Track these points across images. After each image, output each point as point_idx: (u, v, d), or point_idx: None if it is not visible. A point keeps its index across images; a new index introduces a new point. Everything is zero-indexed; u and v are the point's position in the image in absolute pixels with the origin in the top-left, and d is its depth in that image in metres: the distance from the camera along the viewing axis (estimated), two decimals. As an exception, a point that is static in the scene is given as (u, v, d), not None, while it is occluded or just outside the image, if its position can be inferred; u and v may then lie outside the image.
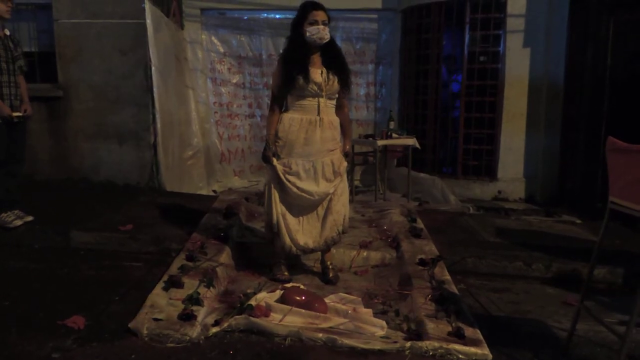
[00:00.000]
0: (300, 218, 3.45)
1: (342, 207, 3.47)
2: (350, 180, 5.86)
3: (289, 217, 3.43)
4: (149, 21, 5.56)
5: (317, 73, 3.29)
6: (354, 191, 6.25)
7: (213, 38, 7.57)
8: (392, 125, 6.34)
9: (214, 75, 7.65)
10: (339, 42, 3.55)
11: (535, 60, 6.40)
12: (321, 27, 3.24)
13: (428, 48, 6.82)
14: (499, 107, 6.52)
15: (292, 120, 3.36)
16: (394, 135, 6.11)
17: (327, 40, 3.29)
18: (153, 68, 5.64)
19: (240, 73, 7.73)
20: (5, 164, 4.07)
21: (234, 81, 7.72)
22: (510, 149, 6.55)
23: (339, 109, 3.50)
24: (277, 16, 7.55)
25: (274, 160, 3.39)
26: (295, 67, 3.30)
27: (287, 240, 3.41)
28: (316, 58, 3.35)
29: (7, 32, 4.12)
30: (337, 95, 3.41)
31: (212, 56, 7.60)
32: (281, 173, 3.35)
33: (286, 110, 3.42)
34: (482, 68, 6.54)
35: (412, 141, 6.15)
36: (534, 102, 6.47)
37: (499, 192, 6.58)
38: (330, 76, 3.30)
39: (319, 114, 3.33)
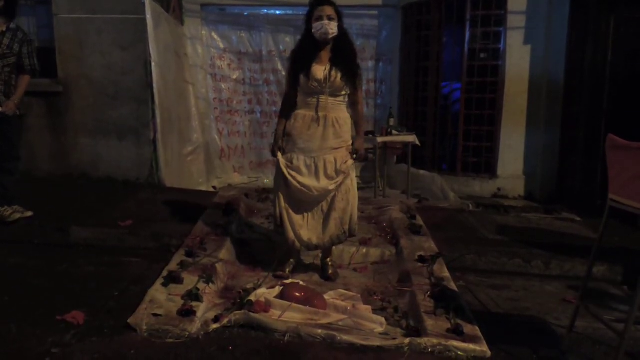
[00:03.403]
0: (305, 214, 3.45)
1: (347, 206, 3.43)
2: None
3: (293, 211, 3.43)
4: (149, 17, 5.54)
5: (320, 70, 3.29)
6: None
7: (213, 34, 7.55)
8: (392, 122, 6.33)
9: (214, 71, 7.64)
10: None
11: (536, 57, 6.39)
12: (326, 22, 3.23)
13: (428, 45, 6.81)
14: (499, 104, 6.51)
15: (297, 116, 3.39)
16: (393, 132, 6.10)
17: (333, 35, 3.28)
18: (153, 64, 5.63)
19: (240, 69, 7.71)
20: None
21: (234, 77, 7.71)
22: (510, 146, 6.55)
23: (352, 106, 3.49)
24: (277, 12, 7.54)
25: (279, 155, 3.42)
26: (299, 64, 3.32)
27: (291, 234, 3.41)
28: (324, 54, 3.34)
29: (4, 29, 4.02)
30: (343, 92, 3.37)
31: (212, 52, 7.59)
32: (284, 167, 3.37)
33: (297, 107, 3.44)
34: (483, 65, 6.53)
35: (412, 138, 6.15)
36: (534, 100, 6.47)
37: (499, 189, 6.58)
38: (333, 73, 3.28)
39: (317, 111, 3.33)
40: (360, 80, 3.46)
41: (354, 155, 3.44)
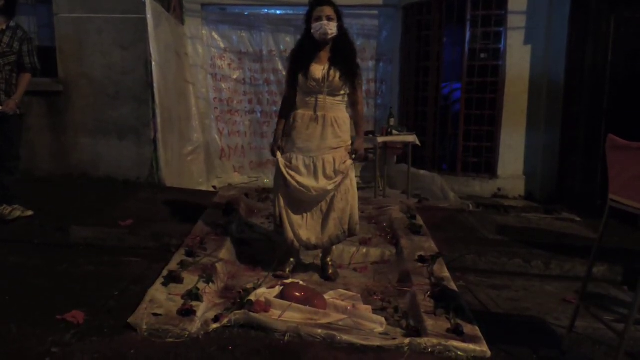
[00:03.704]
0: (305, 214, 3.45)
1: (346, 206, 3.42)
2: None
3: (292, 211, 3.43)
4: (149, 16, 5.54)
5: (319, 69, 3.29)
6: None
7: (213, 33, 7.56)
8: (392, 122, 6.33)
9: (214, 71, 7.64)
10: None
11: (536, 57, 6.39)
12: (325, 22, 3.23)
13: (429, 45, 6.81)
14: (499, 104, 6.51)
15: (296, 115, 3.39)
16: (394, 132, 6.10)
17: (332, 35, 3.28)
18: (153, 63, 5.63)
19: (241, 69, 7.72)
20: None
21: (235, 77, 7.72)
22: (510, 146, 6.55)
23: (352, 106, 3.49)
24: (278, 12, 7.54)
25: (278, 154, 3.42)
26: (298, 63, 3.33)
27: (290, 234, 3.42)
28: (324, 54, 3.34)
29: (4, 27, 4.02)
30: (342, 92, 3.36)
31: (213, 52, 7.59)
32: (283, 167, 3.37)
33: (296, 106, 3.44)
34: (483, 65, 6.53)
35: (412, 138, 6.15)
36: (534, 100, 6.47)
37: (499, 189, 6.58)
38: (332, 72, 3.28)
39: (316, 110, 3.33)
40: (359, 80, 3.44)
41: (353, 156, 3.43)
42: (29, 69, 4.17)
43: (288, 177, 3.35)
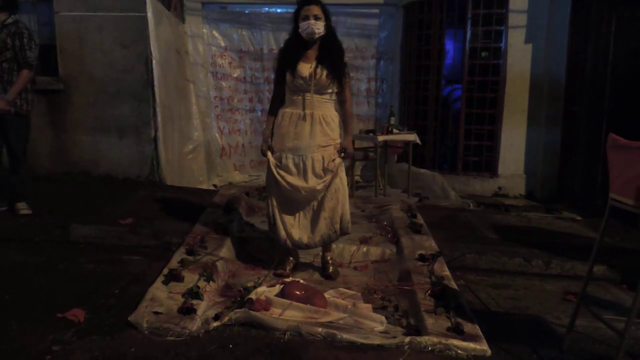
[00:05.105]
0: (297, 213, 3.45)
1: (336, 205, 3.41)
2: (351, 175, 5.85)
3: (284, 211, 3.44)
4: (150, 14, 5.54)
5: (306, 67, 3.28)
6: (354, 187, 6.25)
7: (214, 32, 7.56)
8: (392, 120, 6.33)
9: (214, 69, 7.64)
10: (340, 38, 3.50)
11: (537, 56, 6.39)
12: (312, 21, 3.24)
13: (429, 44, 6.80)
14: (500, 103, 6.52)
15: (284, 114, 3.40)
16: (394, 130, 6.10)
17: (319, 34, 3.28)
18: (154, 62, 5.63)
19: (241, 67, 7.72)
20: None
21: (235, 75, 7.72)
22: (511, 145, 6.56)
23: (341, 104, 3.48)
24: (279, 10, 7.55)
25: (269, 154, 3.43)
26: (285, 62, 3.34)
27: (283, 233, 3.42)
28: (312, 53, 3.34)
29: (2, 22, 4.00)
30: (329, 90, 3.35)
31: (213, 50, 7.60)
32: (273, 167, 3.39)
33: (284, 105, 3.44)
34: (484, 64, 6.53)
35: (412, 137, 6.14)
36: (535, 99, 6.47)
37: (499, 188, 6.58)
38: (319, 70, 3.27)
39: (304, 108, 3.33)
40: (347, 79, 3.44)
41: (342, 154, 3.42)
42: (22, 64, 4.09)
43: (278, 177, 3.35)
